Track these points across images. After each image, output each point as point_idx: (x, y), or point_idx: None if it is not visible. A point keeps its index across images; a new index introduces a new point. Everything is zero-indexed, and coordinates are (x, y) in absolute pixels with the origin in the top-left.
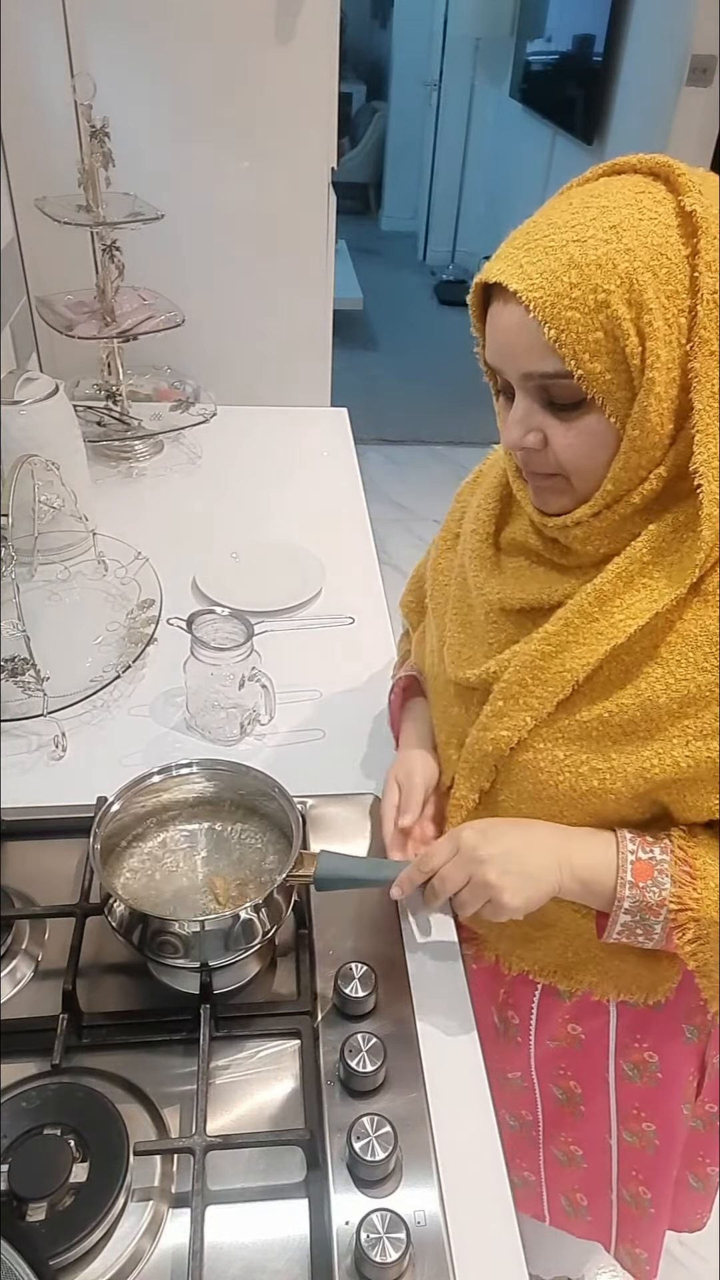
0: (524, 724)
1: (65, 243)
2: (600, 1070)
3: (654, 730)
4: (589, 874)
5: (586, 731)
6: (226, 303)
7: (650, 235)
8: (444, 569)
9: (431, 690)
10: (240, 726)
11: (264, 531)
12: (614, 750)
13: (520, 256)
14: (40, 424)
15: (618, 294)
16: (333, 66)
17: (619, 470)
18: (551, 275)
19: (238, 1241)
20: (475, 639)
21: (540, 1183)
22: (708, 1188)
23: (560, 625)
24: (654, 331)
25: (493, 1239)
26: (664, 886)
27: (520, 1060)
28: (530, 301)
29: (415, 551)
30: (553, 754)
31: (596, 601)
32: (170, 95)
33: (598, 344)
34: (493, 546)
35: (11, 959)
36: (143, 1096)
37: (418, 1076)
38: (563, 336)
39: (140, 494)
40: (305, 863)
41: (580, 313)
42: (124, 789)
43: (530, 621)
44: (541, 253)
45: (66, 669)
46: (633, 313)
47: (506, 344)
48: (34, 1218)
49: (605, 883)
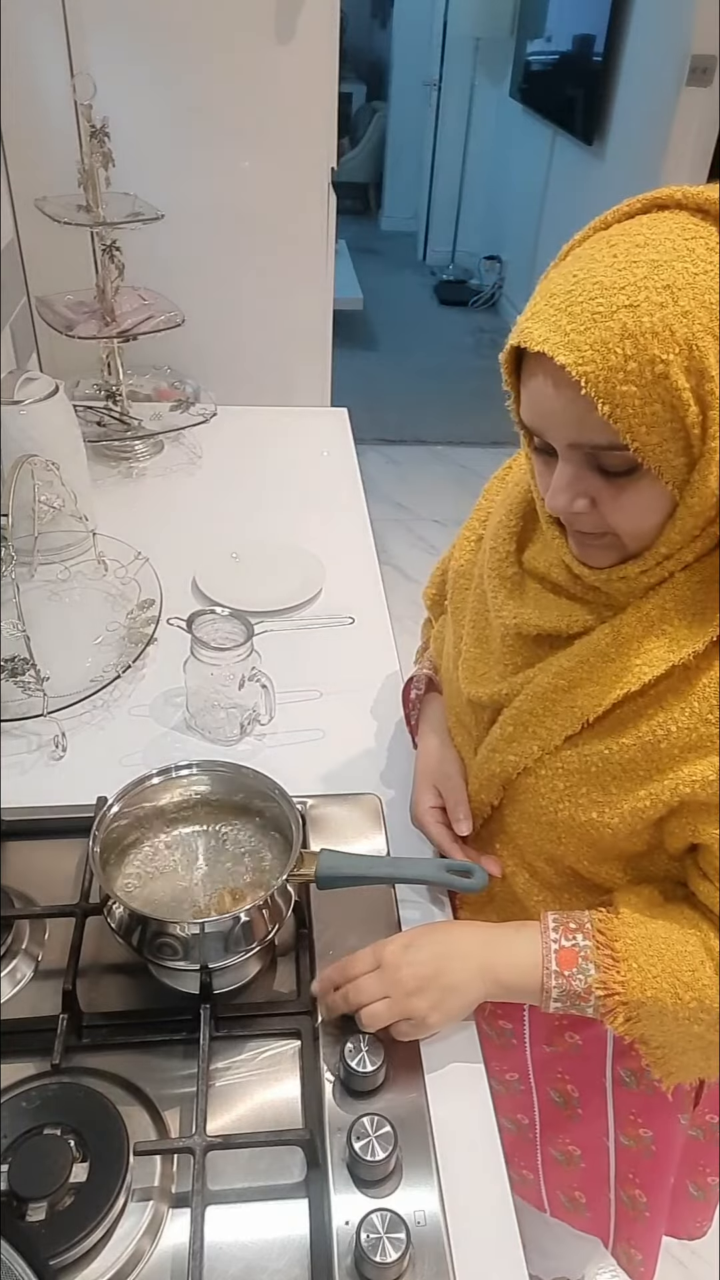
0: (531, 752)
1: (65, 243)
2: (598, 1076)
3: (651, 772)
4: (512, 976)
5: (587, 766)
6: (226, 303)
7: (708, 293)
8: (465, 573)
9: (447, 694)
10: (240, 726)
11: (264, 531)
12: (613, 786)
13: (565, 323)
14: (40, 424)
15: (676, 363)
16: (333, 66)
17: (672, 534)
18: (604, 347)
19: (238, 1241)
20: (490, 657)
21: (539, 1180)
22: (708, 1197)
23: (576, 662)
24: (715, 400)
25: (493, 1239)
26: (589, 973)
27: (518, 1063)
28: (582, 376)
29: (415, 551)
30: (554, 784)
31: (615, 643)
32: (170, 95)
33: (655, 416)
34: (514, 566)
35: (11, 959)
36: (143, 1096)
37: (418, 1076)
38: (618, 412)
39: (140, 494)
40: (305, 862)
41: (637, 386)
42: (124, 789)
43: (546, 648)
44: (589, 319)
45: (66, 669)
46: (693, 381)
47: (552, 414)
48: (34, 1218)
49: (530, 981)
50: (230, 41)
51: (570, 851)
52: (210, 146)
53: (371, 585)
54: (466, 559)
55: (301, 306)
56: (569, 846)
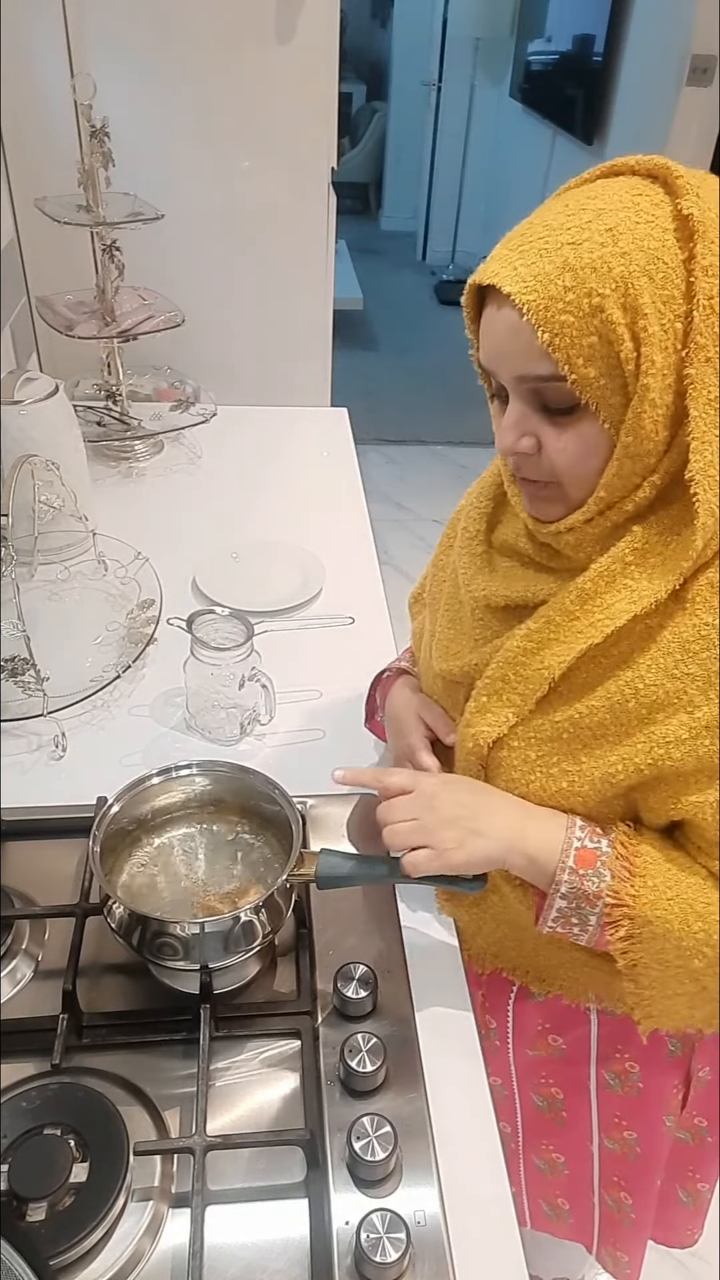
0: (505, 720)
1: (65, 243)
2: (582, 1079)
3: (621, 735)
4: (538, 848)
5: (558, 733)
6: (226, 303)
7: (647, 239)
8: (443, 565)
9: (423, 683)
10: (240, 726)
11: (264, 531)
12: (583, 754)
13: (515, 258)
14: (40, 424)
15: (613, 298)
16: (333, 66)
17: (612, 477)
18: (546, 278)
19: (238, 1241)
20: (462, 634)
21: (520, 1192)
22: (698, 1203)
23: (542, 623)
24: (649, 337)
25: (493, 1239)
26: (604, 878)
27: (500, 1066)
28: (524, 304)
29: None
30: (526, 754)
31: (578, 600)
32: (170, 95)
33: (592, 348)
34: (484, 544)
35: (11, 959)
36: (143, 1096)
37: (418, 1076)
38: (556, 340)
39: (140, 494)
40: (305, 862)
41: (574, 316)
42: (124, 790)
43: (516, 619)
44: (536, 255)
45: (66, 669)
46: (628, 317)
47: (500, 347)
48: (34, 1218)
49: (550, 862)
50: (230, 41)
51: None
52: (210, 146)
53: (371, 585)
54: (444, 554)
55: (301, 306)
56: None
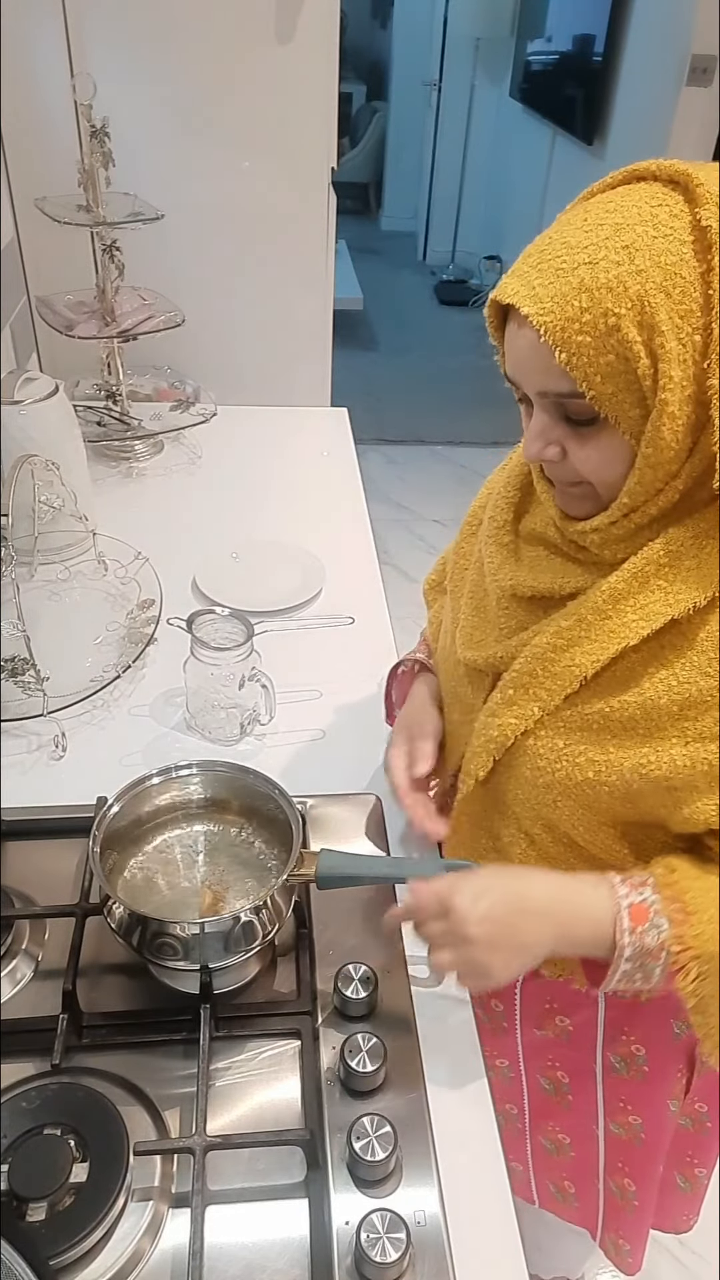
0: (531, 714)
1: (65, 243)
2: (588, 1062)
3: (653, 729)
4: (585, 932)
5: (588, 723)
6: (226, 303)
7: (664, 254)
8: (465, 553)
9: (442, 670)
10: (240, 726)
11: (264, 531)
12: (612, 744)
13: (533, 277)
14: (40, 424)
15: (629, 317)
16: (333, 66)
17: (634, 484)
18: (563, 299)
19: (238, 1241)
20: (487, 623)
21: (528, 1171)
22: (695, 1189)
23: (573, 620)
24: (666, 353)
25: (493, 1239)
26: (662, 928)
27: (508, 1048)
28: (541, 325)
29: (415, 551)
30: (553, 742)
31: (610, 600)
32: (170, 95)
33: (609, 367)
34: (511, 533)
35: (11, 959)
36: (143, 1096)
37: (418, 1076)
38: (574, 360)
39: (140, 494)
40: (305, 862)
41: (591, 336)
42: (124, 790)
43: (541, 609)
44: (553, 274)
45: (66, 669)
46: (644, 335)
47: (522, 362)
48: (34, 1218)
49: (602, 937)
50: (230, 42)
51: (565, 816)
52: (210, 146)
53: (371, 585)
54: (466, 542)
55: (301, 306)
56: (564, 810)
